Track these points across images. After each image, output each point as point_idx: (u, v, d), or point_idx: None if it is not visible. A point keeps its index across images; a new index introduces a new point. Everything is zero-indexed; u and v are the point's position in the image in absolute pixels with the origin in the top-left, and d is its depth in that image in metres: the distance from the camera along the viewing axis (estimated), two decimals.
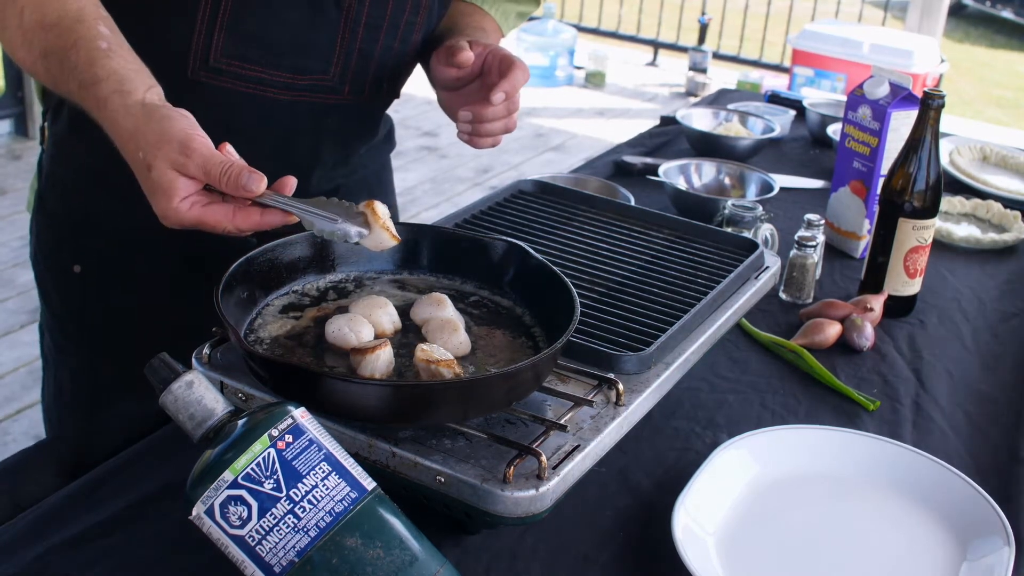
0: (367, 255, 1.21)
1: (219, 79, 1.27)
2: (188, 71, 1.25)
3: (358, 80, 1.34)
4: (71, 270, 1.40)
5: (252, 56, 1.26)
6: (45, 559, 0.99)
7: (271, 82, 1.29)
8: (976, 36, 9.25)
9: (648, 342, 1.14)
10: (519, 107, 1.28)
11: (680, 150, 2.28)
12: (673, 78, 7.16)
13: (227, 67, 1.26)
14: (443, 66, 1.31)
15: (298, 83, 1.30)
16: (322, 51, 1.29)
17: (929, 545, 1.10)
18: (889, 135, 1.70)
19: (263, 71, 1.28)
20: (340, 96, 1.34)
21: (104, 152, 1.14)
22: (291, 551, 0.81)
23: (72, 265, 1.40)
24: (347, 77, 1.33)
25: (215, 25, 1.23)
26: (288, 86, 1.30)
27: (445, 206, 4.84)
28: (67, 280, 1.41)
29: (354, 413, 0.97)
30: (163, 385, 0.87)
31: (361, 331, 1.05)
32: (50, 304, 1.46)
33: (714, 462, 1.16)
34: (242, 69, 1.27)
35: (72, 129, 1.34)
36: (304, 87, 1.31)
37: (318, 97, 1.33)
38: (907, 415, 1.35)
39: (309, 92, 1.32)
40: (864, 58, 5.27)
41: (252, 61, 1.27)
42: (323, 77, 1.31)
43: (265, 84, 1.29)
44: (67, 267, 1.40)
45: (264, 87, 1.29)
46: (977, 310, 1.67)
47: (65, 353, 1.47)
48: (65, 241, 1.41)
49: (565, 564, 1.04)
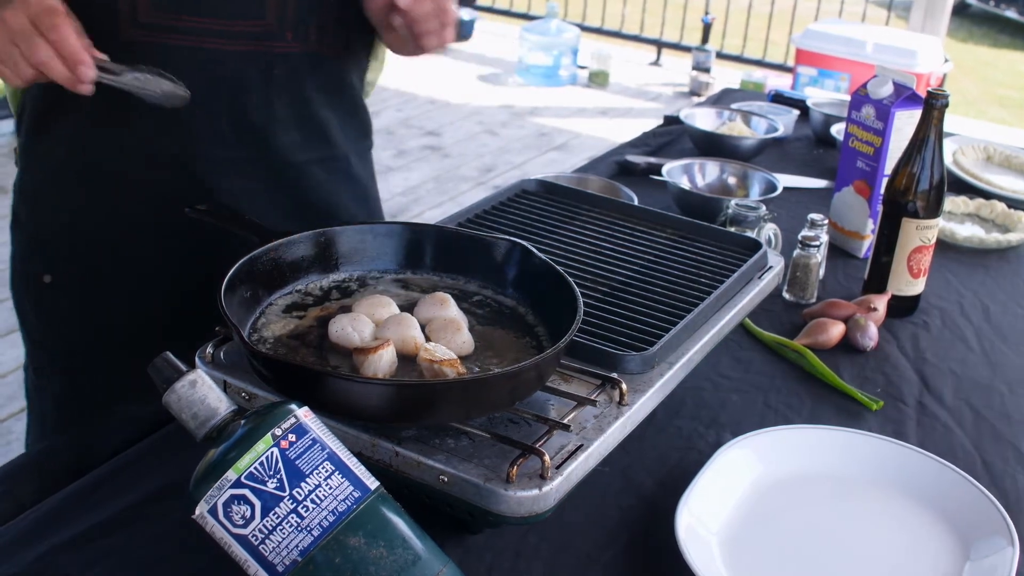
0: (371, 255, 1.21)
1: (153, 35, 1.24)
2: (120, 34, 1.24)
3: (300, 25, 1.31)
4: (42, 281, 1.39)
5: (180, 5, 1.24)
6: (46, 559, 0.99)
7: (206, 31, 1.26)
8: (980, 36, 9.24)
9: (651, 342, 1.13)
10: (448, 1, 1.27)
11: (683, 150, 2.28)
12: (676, 78, 7.16)
13: (158, 21, 1.24)
14: None
15: (235, 30, 1.27)
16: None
17: (932, 545, 1.10)
18: (893, 135, 1.70)
19: (196, 20, 1.25)
20: (285, 43, 1.31)
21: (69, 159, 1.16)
22: (294, 550, 0.81)
23: (43, 276, 1.39)
24: (286, 22, 1.30)
25: None
26: (225, 34, 1.27)
27: (448, 205, 4.84)
28: (40, 293, 1.40)
29: (357, 413, 0.97)
30: (166, 384, 0.87)
31: (364, 330, 1.05)
32: (26, 322, 1.45)
33: (717, 462, 1.16)
34: (175, 21, 1.24)
35: (37, 138, 1.34)
36: (242, 34, 1.28)
37: (262, 45, 1.30)
38: (910, 415, 1.35)
39: (250, 40, 1.29)
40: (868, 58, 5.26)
41: (183, 11, 1.24)
42: (261, 22, 1.28)
43: (201, 35, 1.26)
44: (39, 278, 1.39)
45: (201, 38, 1.26)
46: (981, 310, 1.67)
47: (46, 379, 1.45)
48: (35, 252, 1.40)
49: (568, 564, 1.04)
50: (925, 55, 5.21)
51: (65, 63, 1.11)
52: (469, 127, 5.99)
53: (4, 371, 3.27)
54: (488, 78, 6.91)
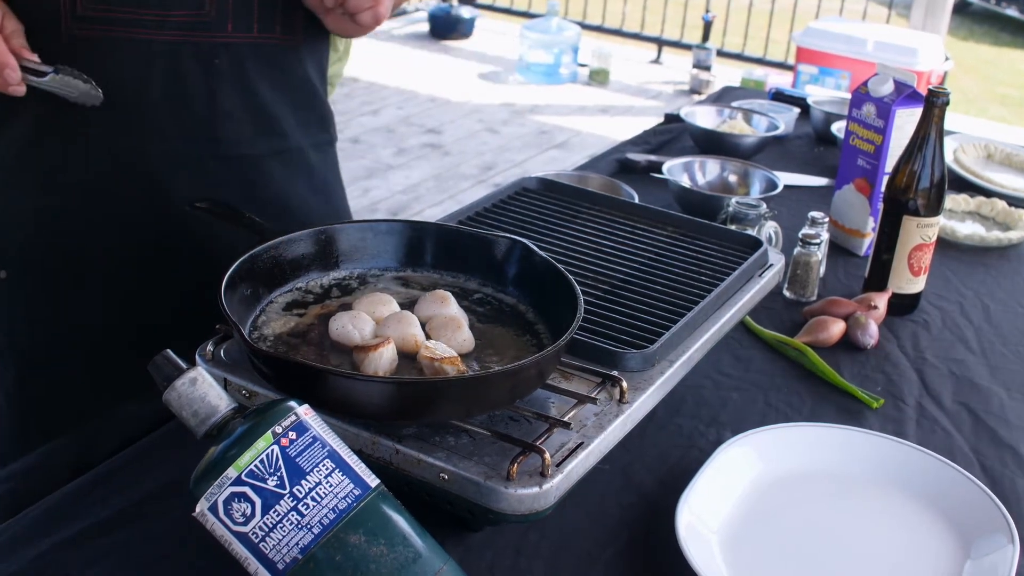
0: (372, 252, 1.21)
1: (92, 29, 1.23)
2: (61, 27, 1.22)
3: (241, 14, 1.29)
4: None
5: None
6: (47, 557, 0.99)
7: (142, 22, 1.24)
8: (981, 34, 9.24)
9: (652, 339, 1.13)
10: None
11: (684, 148, 2.28)
12: (677, 76, 7.16)
13: (95, 13, 1.22)
14: None
15: (171, 20, 1.25)
16: None
17: (933, 543, 1.10)
18: (893, 133, 1.70)
19: (131, 11, 1.24)
20: (226, 34, 1.29)
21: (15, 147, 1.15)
22: (294, 548, 0.81)
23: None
24: (226, 11, 1.28)
25: None
26: (163, 24, 1.25)
27: (448, 203, 4.84)
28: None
29: (357, 411, 0.97)
30: (167, 382, 0.87)
31: (365, 328, 1.05)
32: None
33: (718, 460, 1.16)
34: (110, 12, 1.23)
35: None
36: (179, 24, 1.26)
37: (200, 36, 1.28)
38: (911, 413, 1.35)
39: (188, 31, 1.27)
40: (868, 56, 5.26)
41: (117, 3, 1.23)
42: (198, 13, 1.26)
43: (137, 25, 1.24)
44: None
45: (136, 29, 1.24)
46: (981, 309, 1.66)
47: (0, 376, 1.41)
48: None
49: (568, 561, 1.04)
50: (926, 53, 5.21)
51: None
52: (469, 125, 5.99)
53: None
54: (489, 76, 6.90)
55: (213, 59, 1.30)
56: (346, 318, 1.06)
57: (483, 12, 7.99)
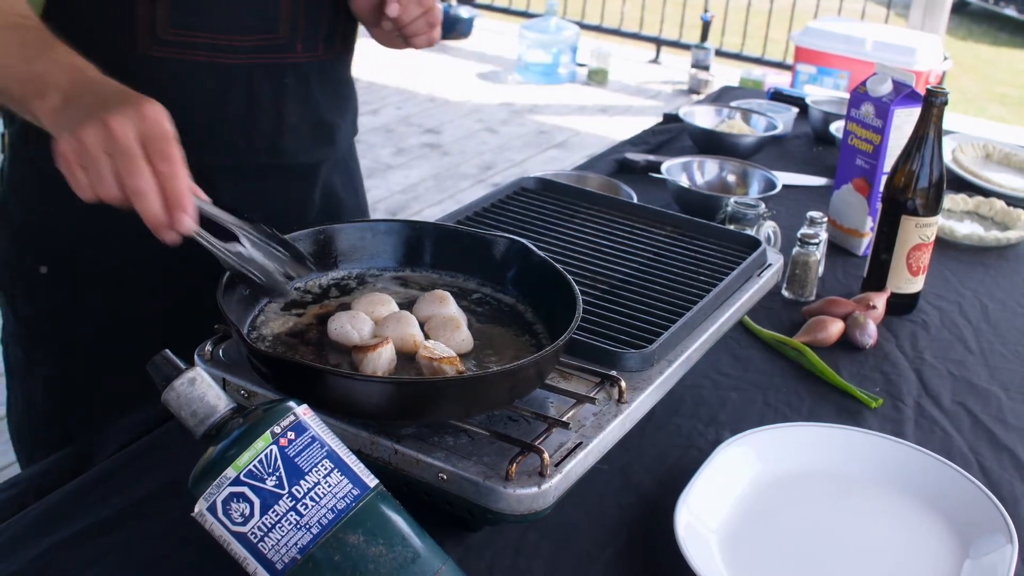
0: (370, 252, 1.21)
1: (171, 51, 1.25)
2: (138, 48, 1.24)
3: (310, 36, 1.34)
4: (38, 272, 1.38)
5: (200, 23, 1.25)
6: (46, 557, 0.99)
7: (222, 47, 1.27)
8: (979, 33, 9.24)
9: (651, 339, 1.13)
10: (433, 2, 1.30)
11: (683, 147, 2.28)
12: (676, 75, 7.16)
13: (176, 38, 1.25)
14: None
15: (250, 45, 1.29)
16: (268, 8, 1.29)
17: (932, 543, 1.10)
18: (892, 132, 1.70)
19: (213, 37, 1.26)
20: (295, 54, 1.33)
21: None
22: (293, 548, 0.81)
23: (38, 267, 1.38)
24: (298, 33, 1.32)
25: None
26: (240, 49, 1.29)
27: (448, 203, 4.84)
28: (34, 283, 1.39)
29: (356, 411, 0.97)
30: (165, 382, 0.86)
31: (364, 328, 1.05)
32: (17, 310, 1.43)
33: (716, 459, 1.16)
34: (191, 37, 1.25)
35: (25, 132, 1.33)
36: (256, 48, 1.30)
37: (272, 57, 1.32)
38: (909, 413, 1.35)
39: (262, 53, 1.30)
40: (867, 55, 5.26)
41: (200, 28, 1.25)
42: (273, 36, 1.30)
43: (216, 50, 1.27)
44: (33, 270, 1.38)
45: (217, 54, 1.27)
46: (979, 309, 1.67)
47: (36, 362, 1.44)
48: (28, 245, 1.40)
49: (567, 561, 1.04)
50: (924, 53, 5.21)
51: (164, 202, 0.95)
52: (469, 125, 5.99)
53: None
54: (487, 76, 6.90)
55: (283, 79, 1.34)
56: (344, 318, 1.06)
57: (482, 12, 7.99)
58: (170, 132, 0.96)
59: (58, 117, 0.99)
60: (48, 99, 1.01)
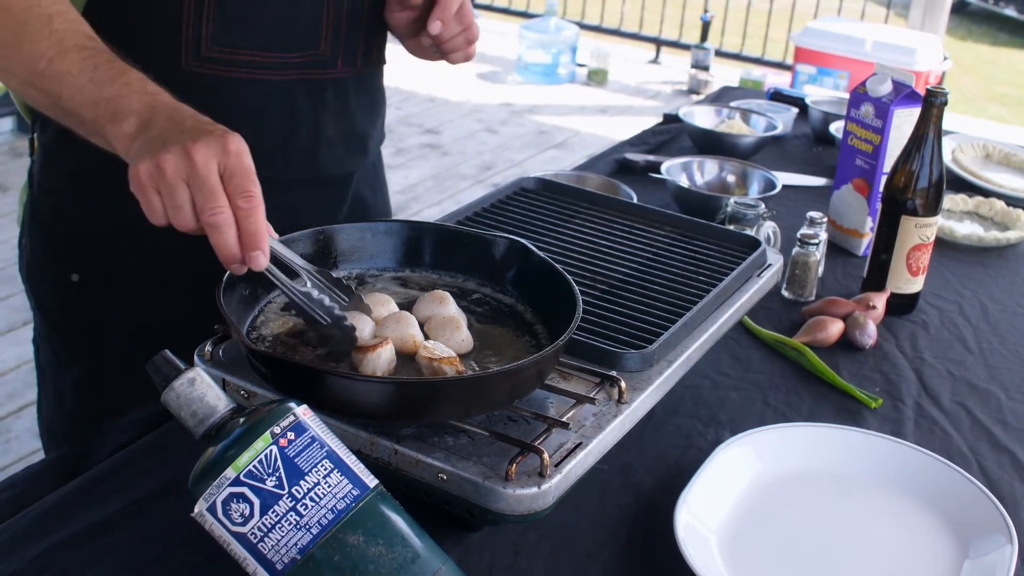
0: (370, 252, 1.21)
1: (214, 68, 1.27)
2: (182, 63, 1.25)
3: (350, 51, 1.35)
4: (69, 280, 1.38)
5: (243, 41, 1.26)
6: (46, 557, 0.99)
7: (265, 64, 1.29)
8: (979, 34, 9.24)
9: (650, 340, 1.13)
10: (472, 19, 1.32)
11: (682, 148, 2.28)
12: (675, 75, 7.16)
13: (219, 55, 1.26)
14: (397, 13, 1.34)
15: (292, 61, 1.31)
16: (310, 25, 1.30)
17: (931, 543, 1.10)
18: (892, 133, 1.70)
19: (255, 54, 1.28)
20: (335, 70, 1.35)
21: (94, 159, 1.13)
22: (293, 548, 0.81)
23: (70, 275, 1.38)
24: (339, 49, 1.34)
25: (202, 14, 1.23)
26: (282, 66, 1.30)
27: (447, 203, 4.84)
28: (65, 290, 1.40)
29: (356, 411, 0.97)
30: (165, 382, 0.86)
31: (364, 328, 1.05)
32: (47, 315, 1.44)
33: (716, 460, 1.16)
34: (235, 55, 1.27)
35: (61, 138, 1.33)
36: (298, 64, 1.31)
37: (313, 73, 1.33)
38: (909, 413, 1.35)
39: (304, 69, 1.32)
40: (867, 55, 5.26)
41: (243, 46, 1.27)
42: (315, 52, 1.32)
43: (259, 67, 1.29)
44: (65, 277, 1.39)
45: (258, 70, 1.29)
46: (979, 309, 1.67)
47: (66, 363, 1.45)
48: (61, 251, 1.40)
49: (567, 561, 1.04)
50: (924, 53, 5.21)
51: (240, 238, 0.95)
52: (468, 125, 5.99)
53: (4, 369, 3.27)
54: (487, 76, 6.90)
55: (323, 93, 1.36)
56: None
57: (481, 12, 7.98)
58: (251, 168, 0.96)
59: (134, 142, 0.99)
60: (123, 124, 1.00)
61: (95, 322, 1.42)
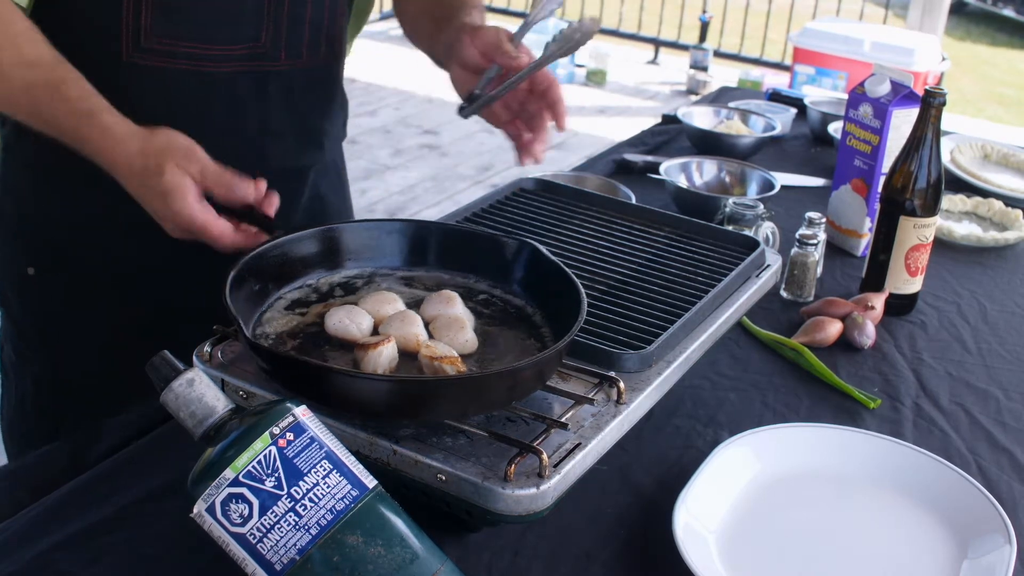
0: (380, 252, 1.21)
1: (153, 59, 1.27)
2: (122, 55, 1.26)
3: (293, 45, 1.35)
4: (26, 272, 1.39)
5: (183, 32, 1.27)
6: (46, 556, 0.99)
7: (205, 56, 1.29)
8: (977, 34, 9.25)
9: (649, 340, 1.13)
10: None
11: (681, 148, 2.28)
12: (674, 76, 7.16)
13: (160, 46, 1.26)
14: (472, 49, 1.34)
15: (233, 54, 1.30)
16: (251, 17, 1.30)
17: (930, 543, 1.10)
18: (890, 133, 1.70)
19: (196, 46, 1.28)
20: (278, 62, 1.35)
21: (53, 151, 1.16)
22: (292, 549, 0.81)
23: (26, 268, 1.39)
24: (280, 43, 1.33)
25: (141, 3, 1.24)
26: (223, 58, 1.30)
27: (446, 204, 4.84)
28: (24, 284, 1.40)
29: (356, 408, 0.97)
30: (164, 383, 0.87)
31: (362, 322, 1.05)
32: (9, 310, 1.45)
33: (715, 460, 1.16)
34: (175, 47, 1.27)
35: (20, 131, 1.34)
36: (239, 56, 1.31)
37: (255, 65, 1.33)
38: (908, 413, 1.35)
39: (245, 61, 1.32)
40: (865, 56, 5.27)
41: (184, 37, 1.27)
42: (256, 45, 1.31)
43: (200, 59, 1.29)
44: (23, 270, 1.39)
45: (199, 62, 1.29)
46: (978, 309, 1.67)
47: (27, 360, 1.45)
48: (19, 244, 1.41)
49: (566, 562, 1.04)
50: (923, 53, 5.22)
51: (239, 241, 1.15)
52: (467, 125, 5.98)
53: None
54: None
55: (266, 86, 1.36)
56: (342, 313, 1.06)
57: None
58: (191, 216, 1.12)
59: None
60: None
61: (55, 318, 1.41)
